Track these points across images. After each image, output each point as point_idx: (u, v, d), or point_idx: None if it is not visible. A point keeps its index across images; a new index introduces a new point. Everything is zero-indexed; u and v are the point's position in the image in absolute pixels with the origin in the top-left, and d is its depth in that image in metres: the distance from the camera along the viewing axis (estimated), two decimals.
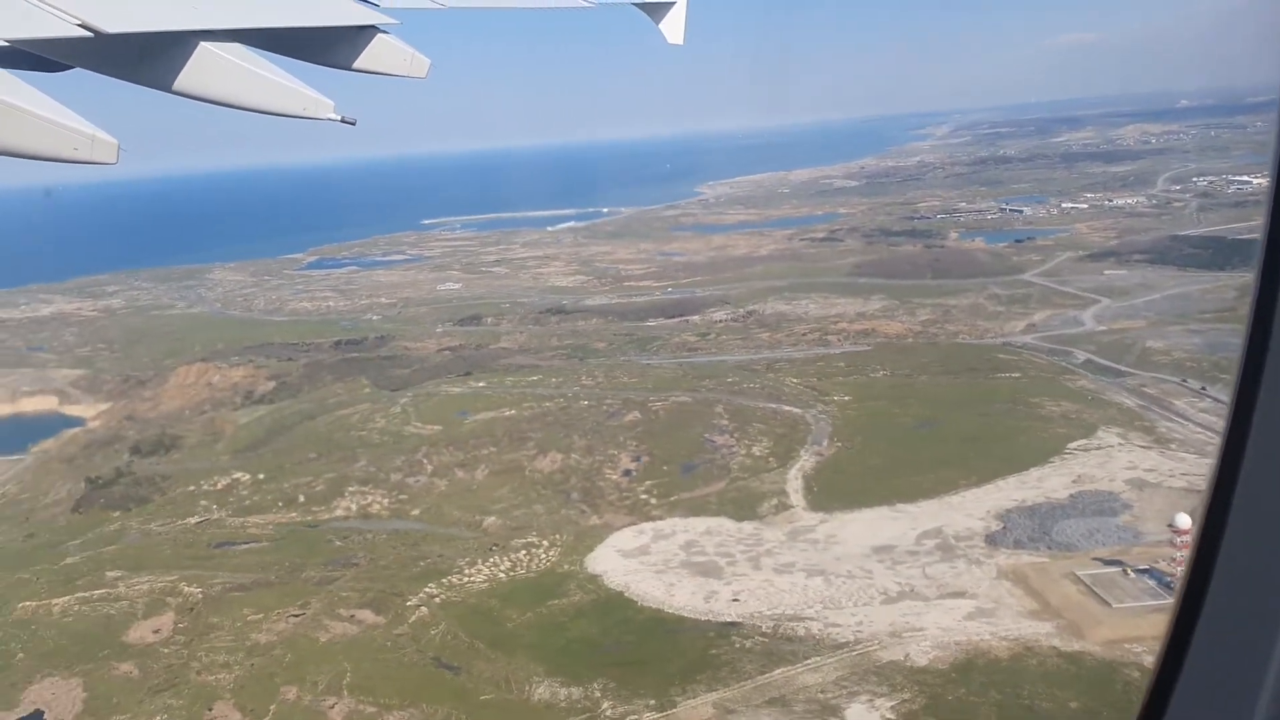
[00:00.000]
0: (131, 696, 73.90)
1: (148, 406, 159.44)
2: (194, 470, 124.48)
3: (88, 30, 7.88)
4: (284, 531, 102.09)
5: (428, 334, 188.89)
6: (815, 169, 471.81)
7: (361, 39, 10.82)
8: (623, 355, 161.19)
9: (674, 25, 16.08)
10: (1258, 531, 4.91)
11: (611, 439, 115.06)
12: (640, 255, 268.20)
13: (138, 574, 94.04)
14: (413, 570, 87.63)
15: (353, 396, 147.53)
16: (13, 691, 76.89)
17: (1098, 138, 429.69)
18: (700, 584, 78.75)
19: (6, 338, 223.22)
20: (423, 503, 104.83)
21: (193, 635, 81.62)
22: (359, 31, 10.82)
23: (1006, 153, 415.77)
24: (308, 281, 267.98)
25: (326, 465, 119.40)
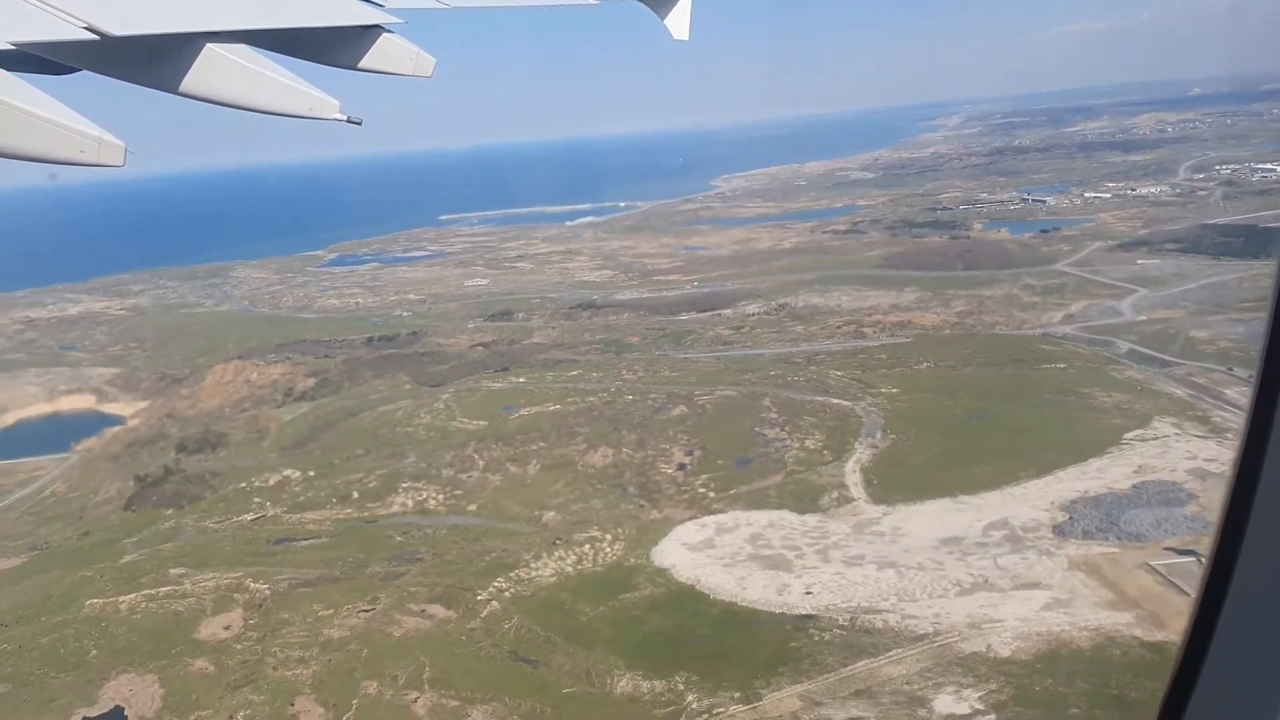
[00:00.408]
0: (210, 693, 74.42)
1: (187, 404, 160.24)
2: (243, 467, 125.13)
3: (94, 33, 7.98)
4: (342, 527, 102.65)
5: (459, 329, 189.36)
6: (829, 161, 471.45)
7: (367, 39, 10.94)
8: (658, 350, 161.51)
9: (679, 21, 16.10)
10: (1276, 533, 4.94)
11: (661, 433, 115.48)
12: (664, 249, 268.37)
13: (201, 571, 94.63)
14: (478, 565, 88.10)
15: (394, 392, 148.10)
16: (90, 689, 77.53)
17: (1113, 127, 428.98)
18: (771, 577, 79.19)
19: (37, 336, 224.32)
20: (478, 498, 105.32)
21: (265, 631, 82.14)
22: (364, 31, 10.94)
23: (1021, 143, 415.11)
24: (333, 278, 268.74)
25: (376, 461, 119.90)
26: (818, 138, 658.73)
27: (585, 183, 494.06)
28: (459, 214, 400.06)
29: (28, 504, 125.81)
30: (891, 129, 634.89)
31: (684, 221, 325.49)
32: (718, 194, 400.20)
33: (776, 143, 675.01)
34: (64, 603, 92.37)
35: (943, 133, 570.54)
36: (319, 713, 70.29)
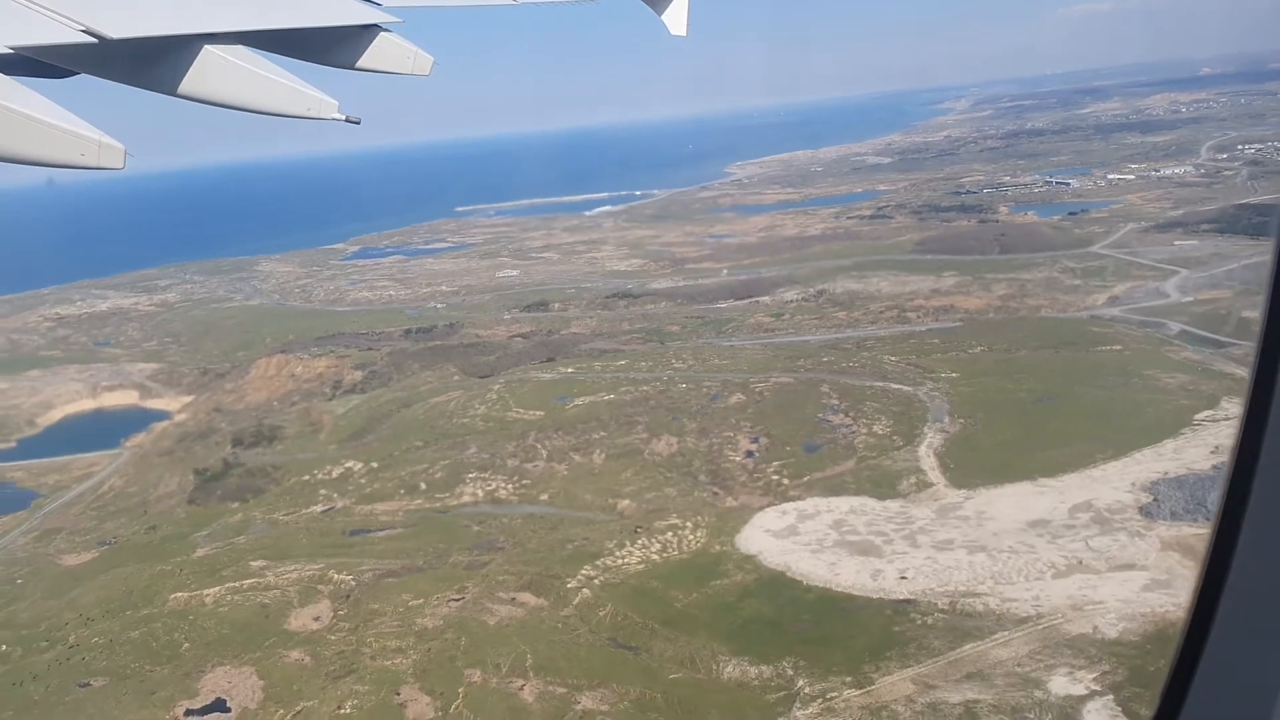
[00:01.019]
0: (310, 684, 75.14)
1: (232, 399, 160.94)
2: (303, 460, 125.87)
3: (92, 36, 7.97)
4: (415, 518, 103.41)
5: (496, 321, 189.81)
6: (842, 146, 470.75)
7: (364, 38, 10.96)
8: (700, 338, 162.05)
9: (677, 16, 16.02)
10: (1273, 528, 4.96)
11: (722, 421, 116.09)
12: (689, 238, 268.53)
13: (282, 563, 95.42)
14: (562, 553, 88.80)
15: (443, 384, 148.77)
16: (188, 681, 78.34)
17: (1126, 108, 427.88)
18: (862, 562, 79.83)
19: (71, 333, 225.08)
20: (548, 487, 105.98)
21: (357, 622, 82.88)
22: (362, 31, 10.96)
23: (1035, 125, 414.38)
24: (360, 271, 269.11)
25: (437, 453, 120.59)
26: (826, 123, 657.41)
27: (596, 172, 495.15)
28: (475, 205, 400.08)
29: (88, 499, 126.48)
30: (900, 114, 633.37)
31: (704, 209, 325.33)
32: (734, 181, 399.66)
33: (784, 129, 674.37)
34: (147, 596, 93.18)
35: (953, 116, 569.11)
36: (425, 701, 71.03)
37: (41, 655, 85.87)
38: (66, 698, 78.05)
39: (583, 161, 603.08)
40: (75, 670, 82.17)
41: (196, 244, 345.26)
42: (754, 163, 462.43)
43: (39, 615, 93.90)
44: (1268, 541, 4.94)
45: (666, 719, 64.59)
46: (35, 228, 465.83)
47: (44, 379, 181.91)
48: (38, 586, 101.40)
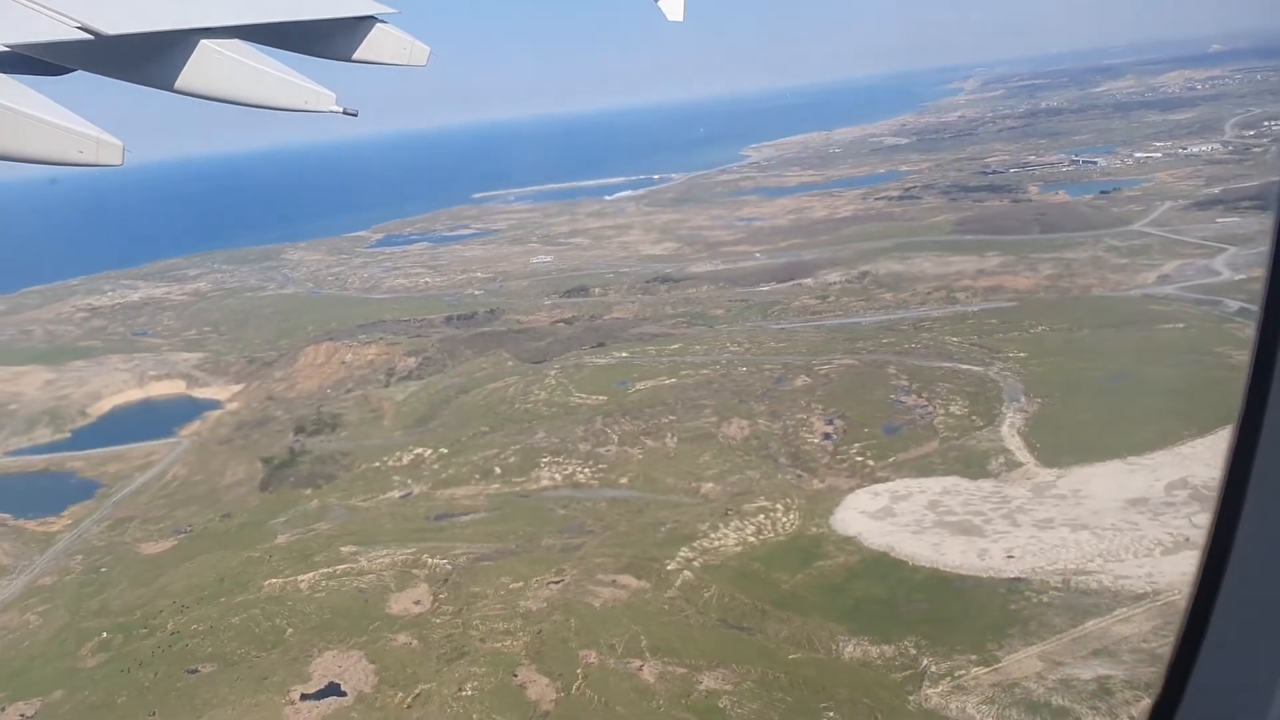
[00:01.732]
0: (424, 666, 75.90)
1: (283, 387, 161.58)
2: (370, 447, 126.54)
3: (88, 32, 7.95)
4: (497, 502, 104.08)
5: (536, 307, 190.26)
6: (856, 127, 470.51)
7: (360, 30, 10.96)
8: (746, 321, 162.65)
9: (673, 2, 15.83)
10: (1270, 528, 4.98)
11: (791, 404, 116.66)
12: (718, 221, 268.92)
13: (372, 548, 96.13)
14: (655, 536, 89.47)
15: (498, 370, 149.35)
16: (297, 666, 79.10)
17: (1140, 86, 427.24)
18: (966, 542, 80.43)
19: (106, 324, 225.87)
20: (626, 471, 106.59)
21: (459, 605, 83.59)
22: (358, 22, 10.97)
23: (1050, 105, 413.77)
24: (391, 259, 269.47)
25: (506, 438, 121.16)
26: (834, 105, 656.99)
27: (609, 157, 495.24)
28: (492, 191, 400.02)
29: (153, 489, 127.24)
30: (908, 94, 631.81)
31: (727, 192, 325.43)
32: (752, 163, 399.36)
33: (793, 111, 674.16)
34: (240, 583, 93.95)
35: (964, 96, 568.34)
36: (544, 682, 71.80)
37: (143, 642, 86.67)
38: (177, 684, 78.81)
39: (592, 146, 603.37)
40: (181, 657, 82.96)
41: (216, 233, 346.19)
42: (769, 145, 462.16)
43: (131, 603, 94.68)
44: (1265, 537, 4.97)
45: (793, 698, 65.05)
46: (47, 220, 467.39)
47: (89, 369, 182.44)
48: (122, 574, 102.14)
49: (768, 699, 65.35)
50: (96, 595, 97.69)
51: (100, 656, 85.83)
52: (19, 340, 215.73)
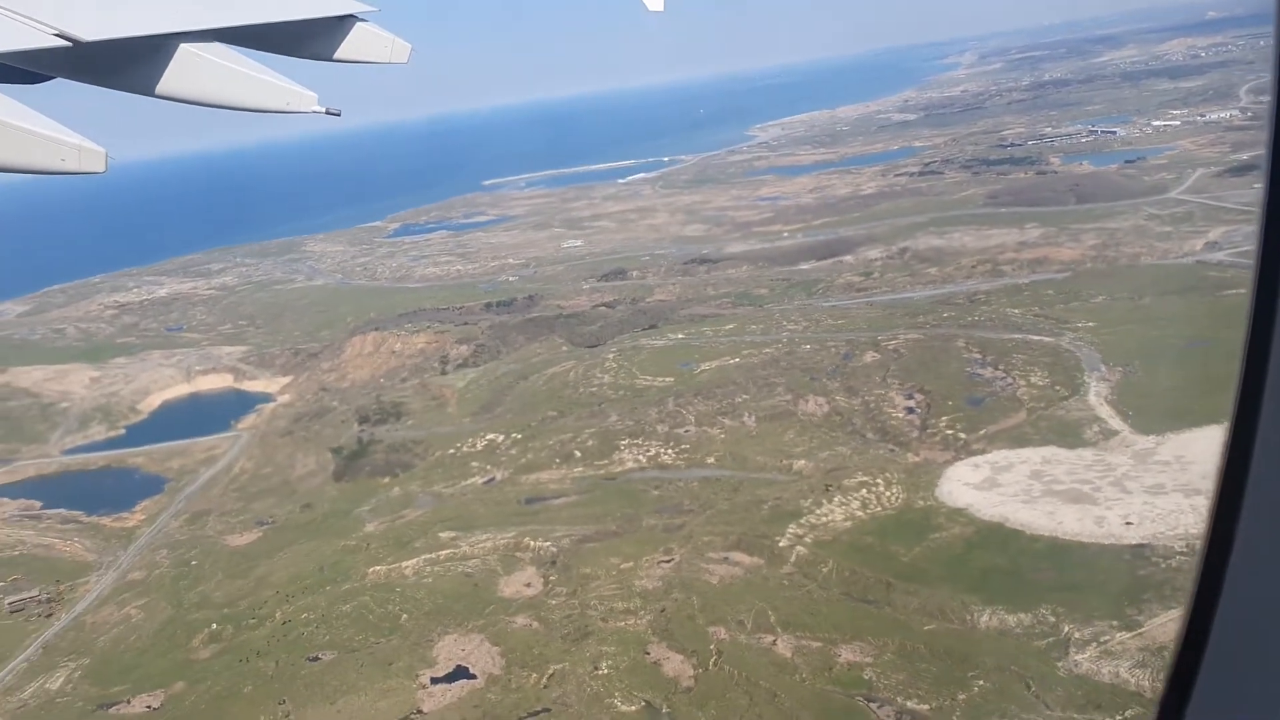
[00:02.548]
0: (550, 647, 76.63)
1: (334, 378, 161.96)
2: (441, 434, 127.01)
3: (66, 40, 7.82)
4: (586, 485, 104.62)
5: (575, 291, 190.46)
6: (859, 105, 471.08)
7: (341, 29, 10.93)
8: (793, 299, 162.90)
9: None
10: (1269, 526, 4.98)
11: (865, 379, 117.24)
12: (740, 201, 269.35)
13: (471, 533, 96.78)
14: (759, 514, 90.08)
15: (553, 355, 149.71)
16: (419, 650, 79.83)
17: (1143, 54, 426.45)
18: (1080, 510, 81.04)
19: (138, 320, 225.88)
20: (710, 451, 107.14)
21: (573, 586, 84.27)
22: (338, 22, 10.92)
23: (1055, 76, 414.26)
24: (417, 247, 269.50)
25: (578, 422, 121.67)
26: (829, 83, 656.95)
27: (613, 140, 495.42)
28: (502, 178, 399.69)
29: (224, 482, 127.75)
30: (904, 71, 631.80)
31: (742, 172, 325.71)
32: (761, 143, 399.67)
33: (789, 90, 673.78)
34: (342, 571, 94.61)
35: (963, 71, 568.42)
36: (678, 659, 72.55)
37: (254, 632, 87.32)
38: (301, 672, 79.47)
39: (590, 131, 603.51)
40: (298, 645, 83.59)
41: (226, 229, 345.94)
42: (774, 124, 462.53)
43: (232, 594, 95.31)
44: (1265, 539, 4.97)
45: (938, 668, 65.83)
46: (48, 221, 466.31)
47: (132, 366, 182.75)
48: (214, 567, 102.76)
49: (912, 670, 66.07)
50: (194, 588, 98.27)
51: (212, 648, 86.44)
52: (53, 339, 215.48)
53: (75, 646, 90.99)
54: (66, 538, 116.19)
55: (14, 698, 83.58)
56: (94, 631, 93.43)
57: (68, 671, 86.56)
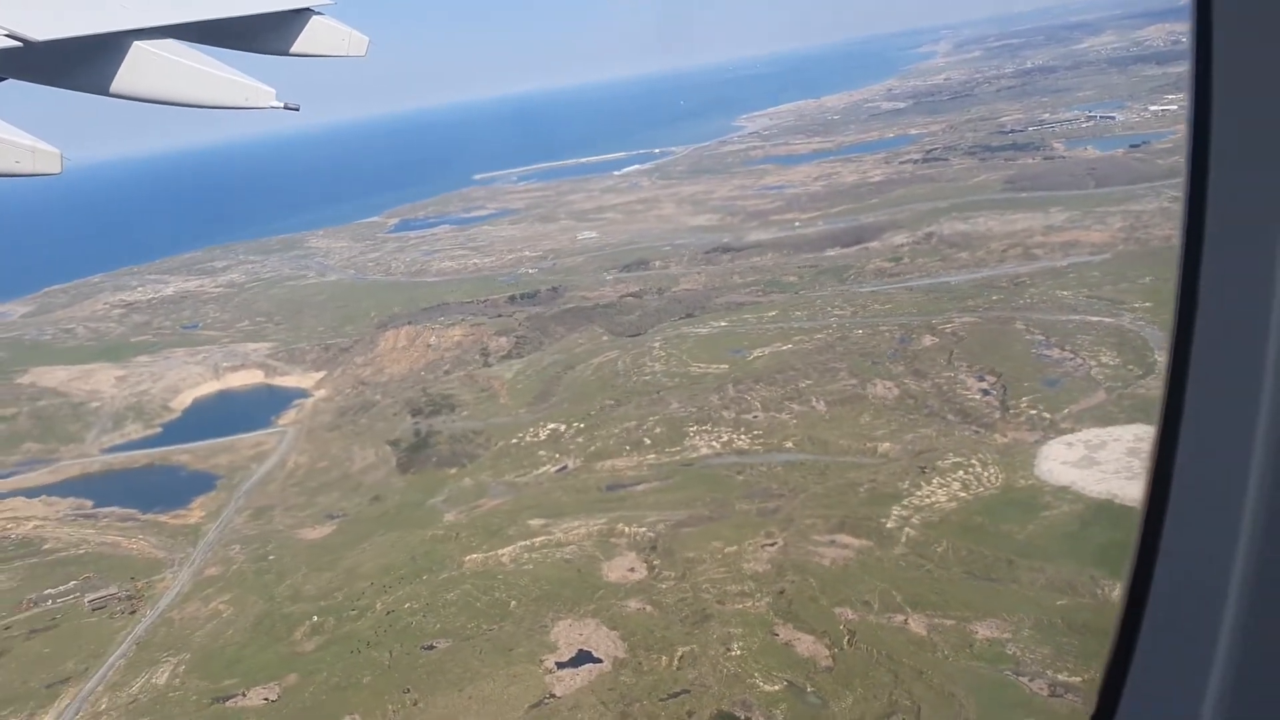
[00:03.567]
0: (671, 630, 77.03)
1: (370, 372, 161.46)
2: (499, 425, 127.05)
3: (16, 40, 7.72)
4: (664, 472, 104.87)
5: (599, 282, 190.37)
6: (843, 94, 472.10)
7: (296, 23, 10.88)
8: (824, 287, 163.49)
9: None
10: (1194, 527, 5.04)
11: (930, 362, 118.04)
12: (746, 190, 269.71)
13: (560, 520, 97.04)
14: (856, 496, 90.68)
15: (595, 345, 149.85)
16: (536, 636, 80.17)
17: (1123, 41, 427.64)
18: None
19: (149, 319, 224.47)
20: (785, 435, 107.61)
21: (680, 570, 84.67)
22: (294, 15, 10.87)
23: (1038, 63, 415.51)
24: (428, 241, 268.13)
25: (638, 410, 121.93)
26: (805, 73, 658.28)
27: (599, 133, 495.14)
28: (493, 172, 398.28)
29: (280, 478, 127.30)
30: (882, 60, 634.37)
31: (740, 162, 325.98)
32: (752, 133, 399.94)
33: (767, 81, 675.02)
34: (436, 560, 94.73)
35: (941, 59, 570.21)
36: (809, 639, 73.11)
37: (357, 623, 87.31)
38: (418, 661, 79.55)
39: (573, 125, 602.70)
40: (409, 634, 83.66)
41: (218, 226, 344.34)
42: (761, 114, 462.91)
43: (323, 587, 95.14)
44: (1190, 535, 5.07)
45: (1079, 641, 66.61)
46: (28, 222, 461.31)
47: (156, 364, 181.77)
48: (295, 560, 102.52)
49: (1055, 644, 66.82)
50: (280, 582, 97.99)
51: (316, 640, 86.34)
52: (64, 339, 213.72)
53: (170, 642, 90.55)
54: (130, 535, 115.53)
55: (123, 693, 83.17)
56: (185, 627, 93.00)
57: (171, 666, 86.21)
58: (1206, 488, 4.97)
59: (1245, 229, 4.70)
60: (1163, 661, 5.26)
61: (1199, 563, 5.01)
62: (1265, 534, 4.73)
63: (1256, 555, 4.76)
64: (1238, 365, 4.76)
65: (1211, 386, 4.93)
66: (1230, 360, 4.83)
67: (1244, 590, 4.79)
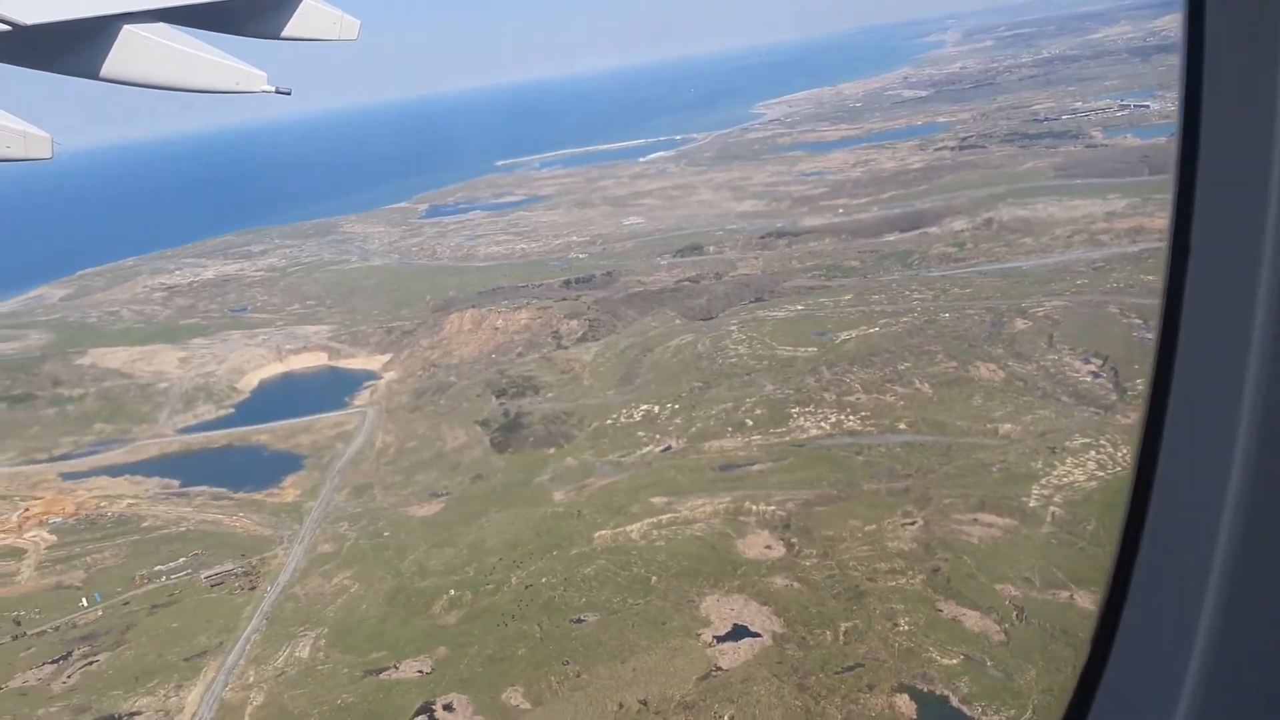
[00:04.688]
0: (828, 605, 77.75)
1: (438, 354, 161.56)
2: (590, 406, 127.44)
3: (5, 24, 7.69)
4: (776, 453, 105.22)
5: (653, 267, 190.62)
6: (859, 82, 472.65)
7: (287, 6, 10.80)
8: (890, 272, 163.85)
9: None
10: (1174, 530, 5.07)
11: (1029, 345, 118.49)
12: (784, 176, 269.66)
13: (682, 498, 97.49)
14: (989, 477, 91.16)
15: (669, 328, 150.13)
16: (685, 610, 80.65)
17: (1139, 31, 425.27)
18: None
19: (193, 302, 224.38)
20: (897, 417, 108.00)
21: (821, 548, 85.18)
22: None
23: (1056, 52, 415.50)
24: (467, 227, 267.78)
25: (731, 392, 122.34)
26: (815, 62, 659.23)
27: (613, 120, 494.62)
28: (515, 159, 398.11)
29: (370, 456, 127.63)
30: (889, 49, 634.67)
31: (768, 149, 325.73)
32: (773, 120, 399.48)
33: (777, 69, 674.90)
34: (563, 536, 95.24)
35: (952, 49, 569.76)
36: (975, 615, 73.67)
37: (495, 598, 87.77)
38: (572, 633, 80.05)
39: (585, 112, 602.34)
40: (552, 608, 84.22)
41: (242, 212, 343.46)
42: (778, 102, 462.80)
43: (450, 562, 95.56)
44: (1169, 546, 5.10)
45: None
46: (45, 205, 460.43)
47: (216, 346, 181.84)
48: (410, 537, 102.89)
49: None
50: (402, 557, 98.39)
51: (456, 613, 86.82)
52: (110, 321, 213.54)
53: (302, 617, 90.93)
54: (229, 513, 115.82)
55: (267, 667, 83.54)
56: (313, 602, 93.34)
57: (310, 640, 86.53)
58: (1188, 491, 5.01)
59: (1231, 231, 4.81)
60: (1138, 664, 5.31)
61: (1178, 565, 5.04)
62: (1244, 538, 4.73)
63: (1235, 560, 4.75)
64: (1222, 367, 4.80)
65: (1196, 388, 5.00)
66: (1215, 362, 4.90)
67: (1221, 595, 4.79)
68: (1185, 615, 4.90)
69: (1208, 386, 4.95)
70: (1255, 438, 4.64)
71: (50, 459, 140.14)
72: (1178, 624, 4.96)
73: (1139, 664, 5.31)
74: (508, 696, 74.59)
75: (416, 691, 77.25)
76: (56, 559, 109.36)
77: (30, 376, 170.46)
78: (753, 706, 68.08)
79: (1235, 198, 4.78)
